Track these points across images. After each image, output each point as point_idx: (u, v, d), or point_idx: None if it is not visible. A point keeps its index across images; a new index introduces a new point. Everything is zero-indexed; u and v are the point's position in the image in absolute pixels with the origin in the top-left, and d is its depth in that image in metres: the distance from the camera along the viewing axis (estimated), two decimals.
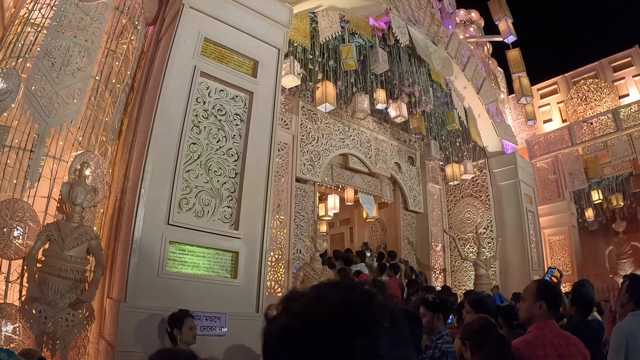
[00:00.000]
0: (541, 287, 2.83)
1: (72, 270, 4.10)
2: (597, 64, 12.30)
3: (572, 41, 19.86)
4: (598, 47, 13.42)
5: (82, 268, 4.20)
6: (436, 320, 3.02)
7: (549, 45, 21.67)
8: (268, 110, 5.05)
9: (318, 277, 5.47)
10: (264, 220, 4.57)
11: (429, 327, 3.02)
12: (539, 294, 2.88)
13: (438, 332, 2.95)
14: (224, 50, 5.12)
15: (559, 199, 11.24)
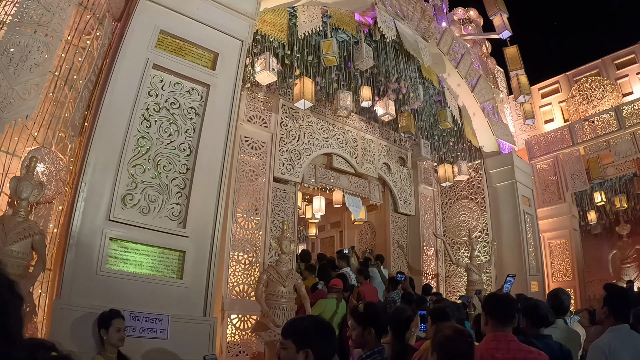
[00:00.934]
0: (485, 300, 2.88)
1: (12, 265, 3.99)
2: (599, 62, 11.96)
3: (574, 39, 19.44)
4: (601, 45, 13.04)
5: (24, 263, 4.10)
6: (367, 334, 2.70)
7: (550, 43, 21.24)
8: (226, 104, 4.93)
9: (282, 280, 5.28)
10: (215, 218, 4.44)
11: (359, 341, 2.74)
12: (484, 307, 2.84)
13: (370, 348, 2.66)
14: (182, 43, 5.03)
15: (559, 201, 10.88)
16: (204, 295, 4.17)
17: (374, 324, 2.70)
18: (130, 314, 3.85)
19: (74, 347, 3.65)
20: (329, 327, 1.90)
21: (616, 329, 2.71)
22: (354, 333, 2.76)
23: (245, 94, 7.63)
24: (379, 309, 2.87)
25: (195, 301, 4.12)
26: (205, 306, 4.14)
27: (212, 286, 4.23)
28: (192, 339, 3.94)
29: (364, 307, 2.82)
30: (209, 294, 4.18)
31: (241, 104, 7.53)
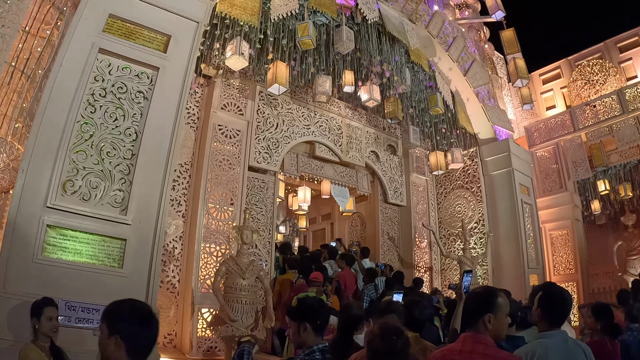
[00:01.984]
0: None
1: None
2: (602, 45, 11.58)
3: (576, 22, 18.88)
4: (603, 28, 12.62)
5: None
6: (302, 332, 2.52)
7: (551, 27, 20.66)
8: (177, 87, 4.89)
9: (242, 272, 5.22)
10: (159, 205, 4.40)
11: (296, 339, 2.56)
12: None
13: (308, 346, 2.48)
14: (133, 26, 4.99)
15: (560, 190, 10.59)
16: (146, 286, 4.14)
17: (310, 319, 2.52)
18: (66, 303, 3.84)
19: (10, 336, 3.67)
20: (147, 315, 1.75)
21: (547, 335, 2.50)
22: (290, 331, 2.63)
23: (219, 82, 7.60)
24: (314, 302, 2.71)
25: (136, 292, 4.07)
26: (147, 297, 4.10)
27: (155, 276, 4.20)
28: None
29: (297, 301, 2.77)
30: (150, 284, 4.15)
31: (215, 91, 7.52)
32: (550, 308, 2.55)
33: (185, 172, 7.18)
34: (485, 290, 2.38)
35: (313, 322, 2.49)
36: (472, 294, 2.44)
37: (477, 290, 2.41)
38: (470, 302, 2.36)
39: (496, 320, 2.19)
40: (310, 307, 2.61)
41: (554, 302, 2.59)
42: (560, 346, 2.47)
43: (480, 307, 2.24)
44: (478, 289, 2.42)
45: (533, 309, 2.65)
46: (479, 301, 2.29)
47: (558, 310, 2.57)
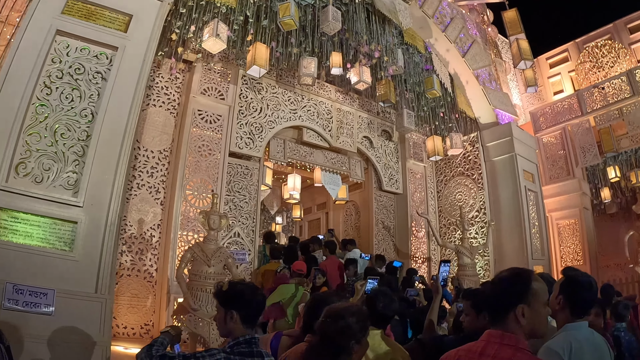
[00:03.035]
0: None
1: None
2: (611, 26, 11.21)
3: (584, 3, 18.23)
4: (612, 8, 12.16)
5: None
6: (229, 320, 2.35)
7: (558, 9, 20.02)
8: (136, 67, 4.91)
9: (207, 259, 5.23)
10: (113, 187, 4.43)
11: (222, 328, 2.40)
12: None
13: (234, 337, 2.33)
14: (94, 7, 5.03)
15: (568, 177, 10.34)
16: (97, 270, 4.18)
17: (238, 307, 2.35)
18: (14, 286, 3.89)
19: None
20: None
21: (576, 327, 2.25)
22: (217, 317, 2.44)
23: (199, 66, 7.61)
24: (246, 288, 2.46)
25: (86, 276, 4.12)
26: (98, 281, 4.14)
27: (107, 260, 4.22)
28: (81, 316, 3.96)
29: (227, 285, 2.45)
30: (101, 269, 4.18)
31: (194, 76, 7.53)
32: (575, 296, 2.30)
33: (165, 159, 7.21)
34: (515, 273, 1.88)
35: (242, 310, 2.33)
36: (499, 280, 1.92)
37: (504, 274, 1.90)
38: (497, 290, 1.89)
39: (532, 313, 1.76)
40: (240, 293, 2.40)
41: (580, 288, 2.32)
42: (591, 340, 2.25)
43: (510, 297, 1.79)
44: (505, 273, 1.90)
45: (552, 297, 2.32)
46: (508, 288, 1.82)
47: (584, 299, 2.33)
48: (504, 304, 1.80)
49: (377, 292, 3.07)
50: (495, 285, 1.92)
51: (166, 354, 2.20)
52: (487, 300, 2.05)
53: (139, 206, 6.85)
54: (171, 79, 7.57)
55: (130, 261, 6.58)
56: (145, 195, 6.94)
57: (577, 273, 2.41)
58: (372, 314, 2.77)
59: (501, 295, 1.84)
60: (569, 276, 2.40)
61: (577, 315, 2.29)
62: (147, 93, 7.31)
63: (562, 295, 2.32)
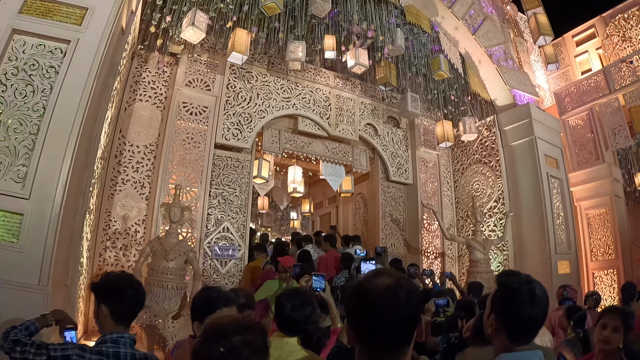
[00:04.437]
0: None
1: None
2: None
3: None
4: None
5: None
6: (100, 315, 2.29)
7: None
8: (89, 59, 5.00)
9: (165, 254, 5.30)
10: (59, 179, 4.55)
11: (97, 323, 2.35)
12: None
13: (102, 333, 2.27)
14: (51, 4, 5.19)
15: (597, 161, 9.73)
16: (40, 262, 4.31)
17: (107, 301, 2.30)
18: None
19: None
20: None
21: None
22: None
23: (184, 58, 7.71)
24: (120, 281, 2.38)
25: (30, 267, 4.27)
26: (41, 272, 4.28)
27: (52, 252, 4.36)
28: (24, 308, 4.09)
29: (102, 277, 2.42)
30: (44, 261, 4.31)
31: (179, 68, 7.64)
32: (512, 313, 1.74)
33: (150, 154, 7.36)
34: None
35: (111, 305, 2.29)
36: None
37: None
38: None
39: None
40: (109, 286, 2.35)
41: (517, 302, 1.73)
42: None
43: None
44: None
45: (485, 315, 1.88)
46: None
47: (524, 316, 1.72)
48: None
49: (285, 294, 2.80)
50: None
51: (20, 339, 2.19)
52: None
53: (124, 202, 7.03)
54: (158, 73, 7.71)
55: (114, 257, 6.77)
56: (130, 190, 7.11)
57: (512, 279, 1.80)
58: (280, 319, 2.68)
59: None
60: (501, 284, 1.83)
61: (516, 341, 1.75)
62: (134, 88, 7.51)
63: (494, 313, 1.80)
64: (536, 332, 1.79)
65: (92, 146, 5.58)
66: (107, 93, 5.89)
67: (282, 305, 2.66)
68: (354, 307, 1.38)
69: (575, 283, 8.68)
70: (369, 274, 1.42)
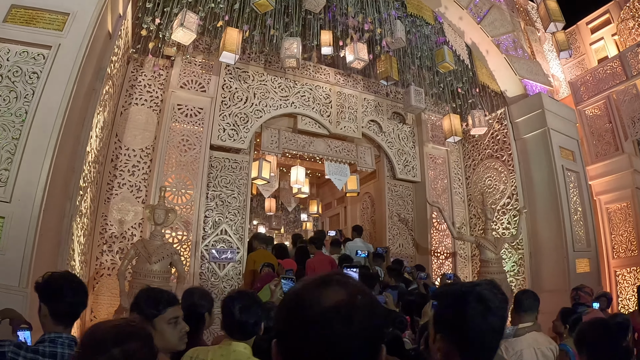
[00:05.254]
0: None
1: None
2: None
3: None
4: None
5: None
6: (40, 315, 2.35)
7: None
8: (70, 64, 5.22)
9: (148, 256, 5.45)
10: (38, 182, 4.76)
11: (40, 323, 2.40)
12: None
13: (43, 333, 2.32)
14: (35, 12, 5.43)
15: (616, 153, 9.49)
16: (20, 264, 4.53)
17: (46, 300, 2.37)
18: None
19: None
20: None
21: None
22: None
23: (179, 60, 7.91)
24: (59, 280, 2.43)
25: (11, 270, 4.48)
26: (21, 276, 4.49)
27: (31, 255, 4.57)
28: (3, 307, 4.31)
29: (43, 276, 2.47)
30: (24, 263, 4.52)
31: (174, 70, 7.85)
32: (458, 328, 1.51)
33: (146, 157, 7.58)
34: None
35: (50, 304, 2.35)
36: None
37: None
38: None
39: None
40: (48, 285, 2.39)
41: (466, 316, 1.49)
42: None
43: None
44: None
45: (430, 341, 1.63)
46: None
47: (474, 330, 1.48)
48: None
49: (232, 294, 2.81)
50: None
51: None
52: None
53: (120, 205, 7.26)
54: (154, 76, 7.93)
55: (110, 260, 6.99)
56: (126, 194, 7.34)
57: (455, 288, 1.60)
58: (228, 322, 2.67)
59: None
60: (441, 296, 1.61)
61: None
62: (130, 92, 7.75)
63: (440, 334, 1.54)
64: (496, 347, 1.54)
65: (79, 150, 5.79)
66: (95, 97, 6.10)
67: (230, 307, 2.63)
68: (283, 326, 1.04)
69: (595, 282, 8.51)
70: (313, 281, 1.06)
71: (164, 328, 2.31)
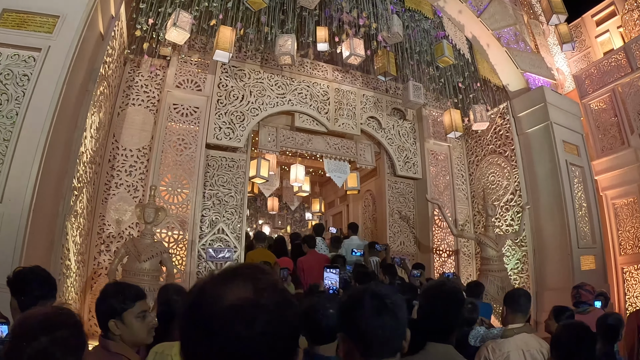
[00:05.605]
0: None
1: None
2: None
3: None
4: None
5: None
6: (12, 308, 2.51)
7: None
8: (59, 65, 5.39)
9: (138, 255, 5.59)
10: (28, 182, 4.94)
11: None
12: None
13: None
14: (26, 15, 5.61)
15: (622, 147, 9.44)
16: (11, 262, 4.70)
17: (16, 293, 2.53)
18: None
19: None
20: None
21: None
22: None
23: (174, 60, 8.07)
24: (27, 274, 2.61)
25: (2, 268, 4.67)
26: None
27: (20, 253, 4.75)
28: None
29: (14, 272, 2.64)
30: (14, 262, 4.69)
31: (169, 70, 8.01)
32: (356, 329, 1.56)
33: (143, 157, 7.74)
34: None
35: (18, 297, 2.51)
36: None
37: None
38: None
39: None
40: (15, 278, 2.58)
41: (361, 313, 1.56)
42: None
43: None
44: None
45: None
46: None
47: (364, 329, 1.54)
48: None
49: (172, 289, 3.09)
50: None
51: None
52: None
53: (117, 205, 7.43)
54: (151, 77, 8.10)
55: (108, 260, 7.14)
56: (123, 194, 7.51)
57: (357, 288, 1.67)
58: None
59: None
60: (349, 298, 1.63)
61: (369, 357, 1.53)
62: (127, 93, 7.92)
63: (342, 333, 1.60)
64: (397, 345, 1.58)
65: (72, 150, 5.97)
66: (88, 98, 6.28)
67: (172, 302, 2.79)
68: (184, 324, 0.96)
69: (601, 280, 8.51)
70: (219, 275, 0.98)
71: (132, 322, 2.39)
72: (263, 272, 0.98)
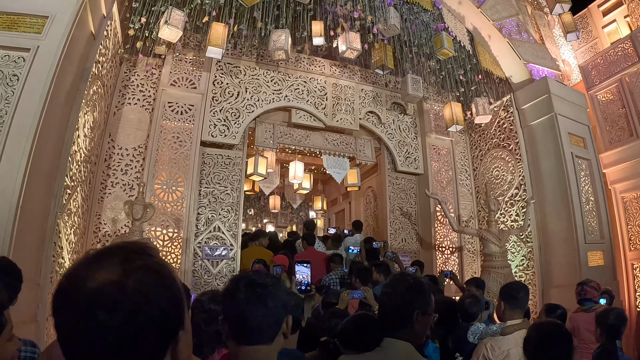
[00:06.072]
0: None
1: None
2: None
3: None
4: None
5: None
6: None
7: None
8: (48, 65, 5.60)
9: None
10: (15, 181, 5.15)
11: None
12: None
13: None
14: (16, 17, 5.84)
15: (630, 138, 9.37)
16: None
17: None
18: None
19: None
20: None
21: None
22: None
23: (169, 58, 8.26)
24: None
25: None
26: None
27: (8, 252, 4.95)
28: None
29: None
30: None
31: (164, 68, 8.20)
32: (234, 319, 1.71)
33: (139, 156, 7.94)
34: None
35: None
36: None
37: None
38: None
39: None
40: None
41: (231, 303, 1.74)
42: None
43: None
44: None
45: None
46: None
47: (230, 318, 1.72)
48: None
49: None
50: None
51: None
52: None
53: (113, 204, 7.63)
54: (147, 76, 8.30)
55: None
56: (119, 193, 7.71)
57: (234, 281, 1.77)
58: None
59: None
60: (228, 286, 1.79)
61: (239, 344, 1.68)
62: (123, 92, 8.13)
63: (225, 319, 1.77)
64: (273, 334, 1.66)
65: (63, 149, 6.18)
66: (79, 97, 6.49)
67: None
68: (53, 311, 0.89)
69: (610, 276, 8.48)
70: (91, 255, 0.92)
71: None
72: (138, 252, 0.91)
